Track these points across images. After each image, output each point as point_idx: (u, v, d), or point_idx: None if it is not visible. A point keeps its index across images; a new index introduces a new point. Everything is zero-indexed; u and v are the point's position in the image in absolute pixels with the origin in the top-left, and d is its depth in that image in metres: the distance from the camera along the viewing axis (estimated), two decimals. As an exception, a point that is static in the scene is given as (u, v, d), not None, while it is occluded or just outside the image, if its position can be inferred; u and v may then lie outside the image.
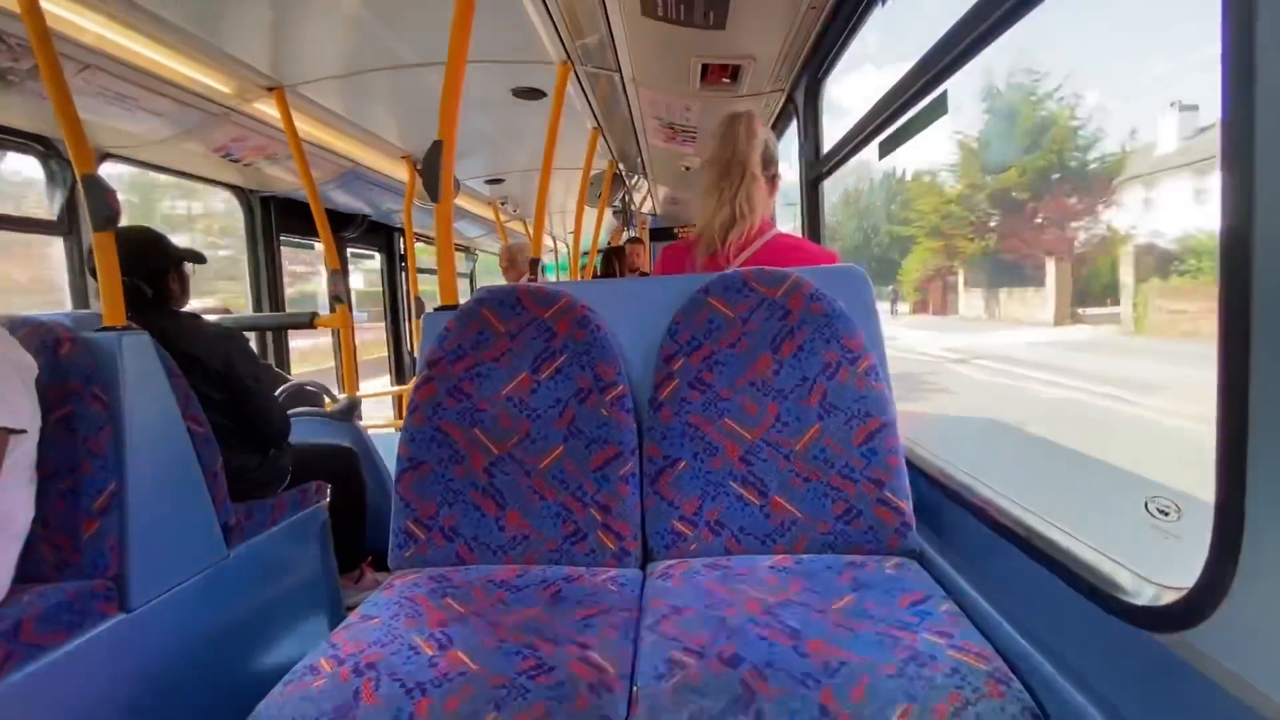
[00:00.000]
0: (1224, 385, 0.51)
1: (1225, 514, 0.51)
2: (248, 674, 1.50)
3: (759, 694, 0.76)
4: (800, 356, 1.17)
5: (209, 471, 1.45)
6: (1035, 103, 17.64)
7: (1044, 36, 14.27)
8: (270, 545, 1.63)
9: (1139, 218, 13.29)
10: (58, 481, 1.20)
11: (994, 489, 1.02)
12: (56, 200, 2.22)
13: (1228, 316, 0.50)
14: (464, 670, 0.83)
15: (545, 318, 1.24)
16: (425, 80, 2.27)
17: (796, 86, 2.33)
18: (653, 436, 1.19)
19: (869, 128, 1.59)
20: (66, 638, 1.11)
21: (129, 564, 1.23)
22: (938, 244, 19.35)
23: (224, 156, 2.66)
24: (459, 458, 1.20)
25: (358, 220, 4.10)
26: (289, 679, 0.85)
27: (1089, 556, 0.75)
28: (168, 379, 1.38)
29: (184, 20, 1.72)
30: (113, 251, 1.35)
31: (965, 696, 0.73)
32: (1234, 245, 0.49)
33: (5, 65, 1.68)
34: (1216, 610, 0.54)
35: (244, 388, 1.67)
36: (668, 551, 1.16)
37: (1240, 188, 0.48)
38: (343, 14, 1.79)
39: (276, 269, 3.39)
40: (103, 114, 2.02)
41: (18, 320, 1.28)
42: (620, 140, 3.50)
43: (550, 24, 1.91)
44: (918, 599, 0.93)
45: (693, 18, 1.88)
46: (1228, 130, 0.48)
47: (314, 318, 2.70)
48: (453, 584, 1.08)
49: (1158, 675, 0.62)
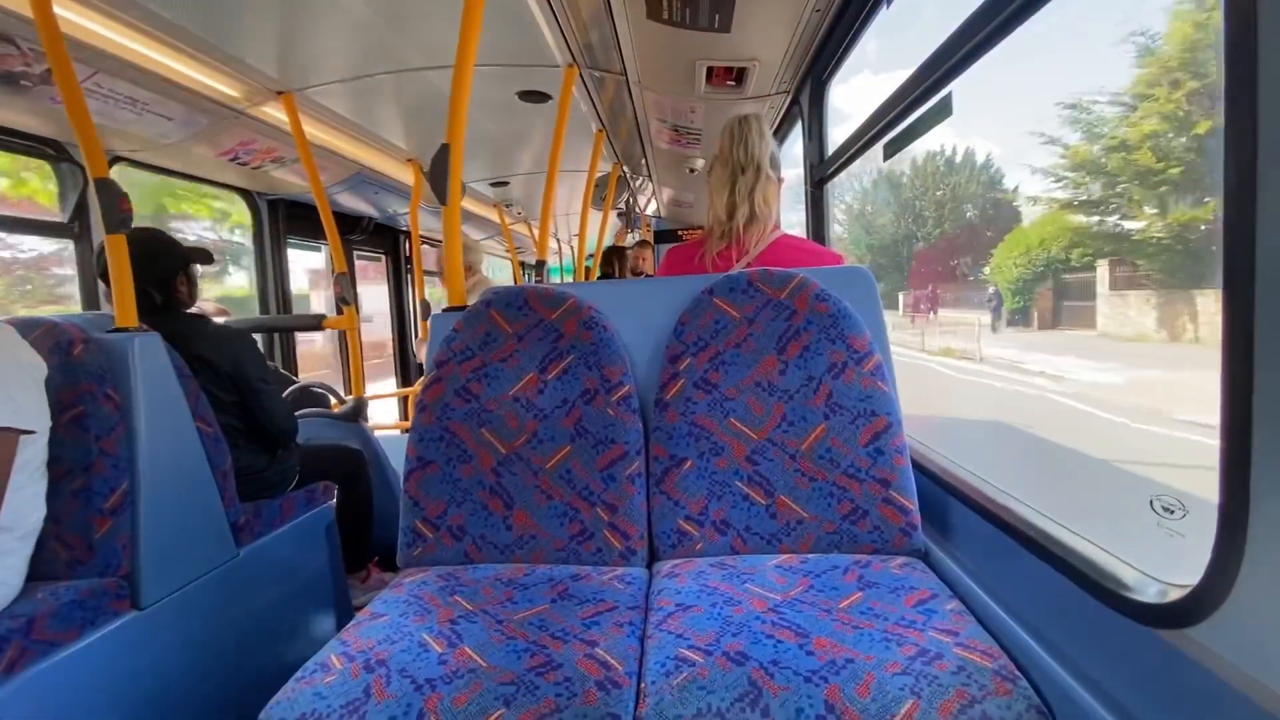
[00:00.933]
0: (1227, 384, 0.51)
1: (1229, 511, 0.52)
2: (257, 671, 1.51)
3: (765, 691, 0.77)
4: (806, 356, 1.18)
5: (219, 471, 1.47)
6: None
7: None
8: (279, 544, 1.64)
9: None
10: (70, 481, 1.22)
11: (998, 488, 1.02)
12: (68, 203, 2.25)
13: (1231, 316, 0.50)
14: (473, 667, 0.84)
15: (552, 319, 1.25)
16: (431, 84, 2.29)
17: (801, 89, 2.34)
18: (659, 436, 1.20)
19: (874, 129, 1.60)
20: (78, 635, 1.13)
21: (140, 562, 1.24)
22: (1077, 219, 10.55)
23: (232, 160, 2.69)
24: (467, 457, 1.21)
25: (364, 223, 4.12)
26: (301, 675, 0.86)
27: (1094, 554, 0.75)
28: (178, 380, 1.40)
29: (194, 25, 1.74)
30: (125, 254, 1.37)
31: (971, 694, 0.73)
32: (1237, 247, 0.49)
33: (19, 69, 1.70)
34: (1221, 606, 0.54)
35: (252, 389, 1.68)
36: (674, 551, 1.16)
37: (1243, 189, 0.48)
38: (351, 18, 1.81)
39: (283, 271, 3.42)
40: (114, 118, 2.05)
41: (31, 322, 1.30)
42: (625, 143, 3.51)
43: (556, 27, 1.92)
44: (924, 597, 0.93)
45: (697, 21, 1.89)
46: (1230, 131, 0.49)
47: (321, 320, 2.72)
48: (461, 582, 1.09)
49: (1163, 672, 0.62)
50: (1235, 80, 0.48)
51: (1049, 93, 17.01)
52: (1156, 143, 8.54)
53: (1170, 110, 8.02)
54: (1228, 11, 0.48)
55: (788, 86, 2.43)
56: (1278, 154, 0.46)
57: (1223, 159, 0.50)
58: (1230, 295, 0.50)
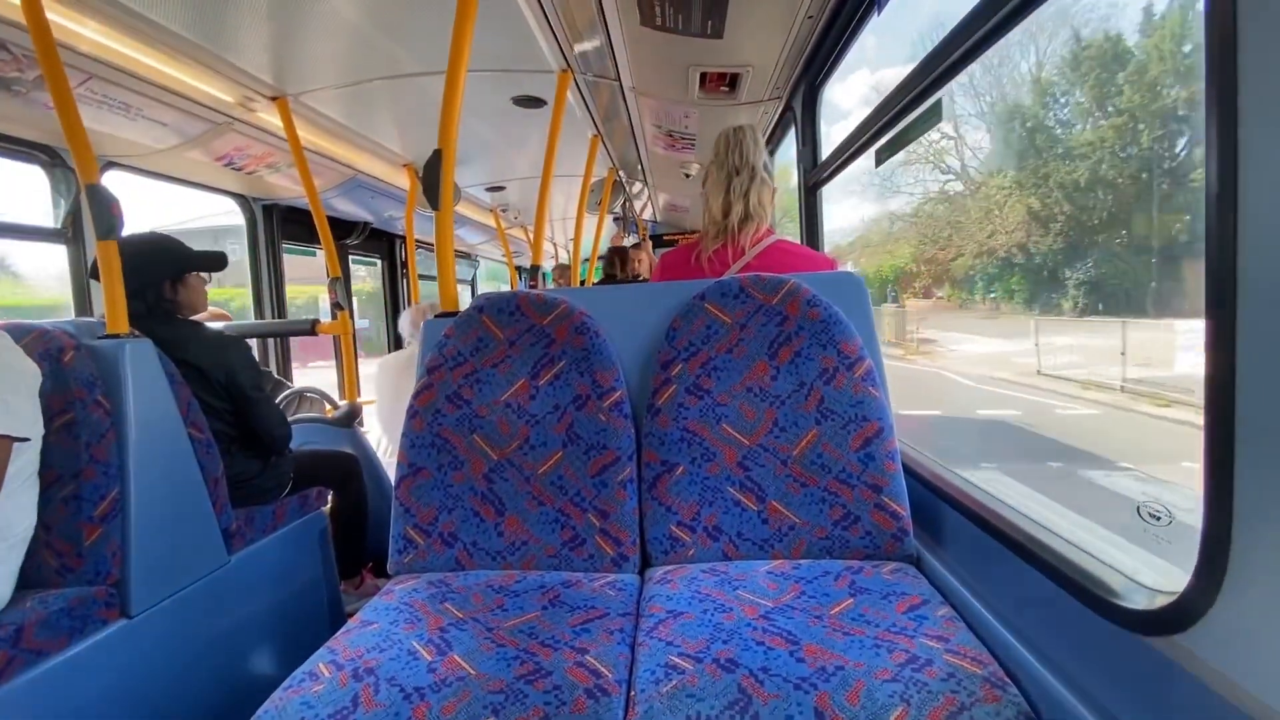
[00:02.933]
0: (1211, 392, 0.51)
1: (1213, 519, 0.52)
2: (248, 679, 1.50)
3: (755, 698, 0.77)
4: (797, 362, 1.18)
5: (210, 478, 1.46)
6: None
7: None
8: (271, 551, 1.64)
9: None
10: (60, 488, 1.21)
11: (990, 494, 1.02)
12: (61, 209, 2.24)
13: (1214, 323, 0.50)
14: (463, 675, 0.83)
15: (544, 324, 1.25)
16: (427, 89, 2.29)
17: (794, 94, 2.35)
18: (650, 442, 1.20)
19: (866, 134, 1.61)
20: (68, 643, 1.12)
21: (130, 570, 1.24)
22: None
23: (227, 165, 2.68)
24: (458, 463, 1.20)
25: (359, 228, 4.12)
26: (289, 684, 0.85)
27: (1083, 562, 0.75)
28: (170, 386, 1.39)
29: (188, 30, 1.74)
30: (116, 260, 1.37)
31: (961, 701, 0.73)
32: (1220, 261, 0.49)
33: (11, 75, 1.70)
34: (1207, 614, 0.54)
35: (245, 397, 1.67)
36: (666, 557, 1.16)
37: (1225, 191, 0.48)
38: (345, 24, 1.81)
39: (279, 276, 3.41)
40: (107, 123, 2.04)
41: (23, 328, 1.29)
42: (620, 148, 3.52)
43: (550, 33, 1.93)
44: (914, 604, 0.93)
45: (691, 27, 1.90)
46: (1213, 132, 0.49)
47: (315, 325, 2.72)
48: (452, 589, 1.09)
49: (1151, 678, 0.63)
50: (1216, 86, 0.48)
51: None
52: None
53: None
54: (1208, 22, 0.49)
55: (781, 92, 2.44)
56: (1260, 164, 0.46)
57: (1204, 167, 0.50)
58: (1213, 303, 0.50)
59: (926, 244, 14.38)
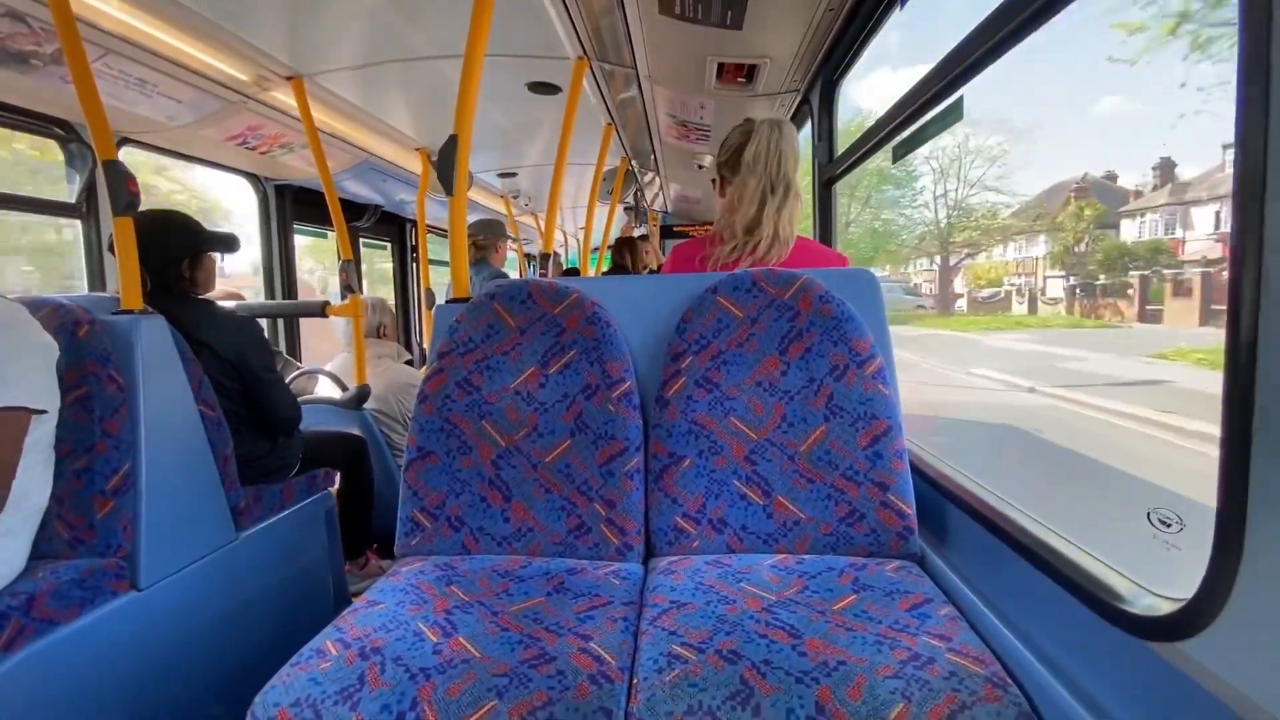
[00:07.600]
0: (1228, 397, 0.51)
1: (1226, 525, 0.52)
2: (253, 655, 1.52)
3: (757, 690, 0.77)
4: (808, 358, 1.17)
5: (220, 455, 1.48)
6: None
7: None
8: (279, 529, 1.66)
9: None
10: (73, 461, 1.23)
11: (996, 494, 1.02)
12: (76, 183, 2.25)
13: (1233, 326, 0.50)
14: (467, 657, 0.84)
15: (555, 313, 1.25)
16: (442, 73, 2.28)
17: (812, 88, 2.33)
18: (658, 433, 1.20)
19: (885, 130, 1.59)
20: (78, 614, 1.14)
21: (140, 543, 1.25)
22: None
23: (240, 144, 2.69)
24: (466, 449, 1.21)
25: (370, 210, 4.12)
26: (296, 660, 0.86)
27: (1088, 564, 0.75)
28: (182, 363, 1.40)
29: (205, 7, 1.74)
30: (131, 236, 1.37)
31: (962, 699, 0.74)
32: (1243, 259, 0.49)
33: (29, 49, 1.70)
34: (1215, 621, 0.54)
35: (256, 378, 1.69)
36: (670, 548, 1.17)
37: (1251, 194, 0.48)
38: (362, 5, 1.80)
39: (290, 256, 3.42)
40: (123, 99, 2.05)
41: (38, 301, 1.30)
42: (634, 137, 3.50)
43: (568, 20, 1.92)
44: (918, 602, 0.93)
45: (710, 17, 1.88)
46: (1240, 139, 0.49)
47: (325, 306, 2.73)
48: (458, 572, 1.09)
49: (1155, 684, 0.63)
50: (1248, 87, 0.48)
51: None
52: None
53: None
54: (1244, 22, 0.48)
55: (798, 85, 2.41)
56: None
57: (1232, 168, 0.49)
58: (1233, 306, 0.50)
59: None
